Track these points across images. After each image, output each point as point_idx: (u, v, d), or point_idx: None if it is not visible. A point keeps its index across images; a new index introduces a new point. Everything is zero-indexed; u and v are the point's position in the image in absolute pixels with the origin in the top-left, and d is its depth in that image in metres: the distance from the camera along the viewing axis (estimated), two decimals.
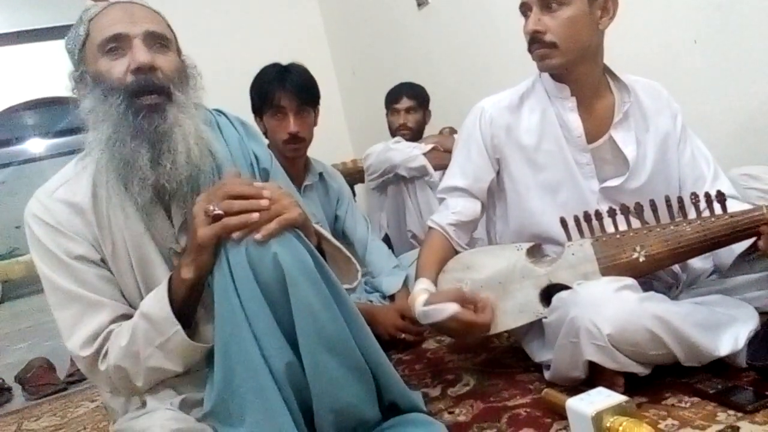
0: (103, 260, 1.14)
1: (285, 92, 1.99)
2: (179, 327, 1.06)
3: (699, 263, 1.41)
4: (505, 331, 1.43)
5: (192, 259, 1.06)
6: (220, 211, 1.02)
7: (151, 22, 1.13)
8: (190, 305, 1.10)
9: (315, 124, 2.11)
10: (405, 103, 2.75)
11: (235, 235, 1.02)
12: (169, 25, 1.18)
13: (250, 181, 1.08)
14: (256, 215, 1.01)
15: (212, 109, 1.26)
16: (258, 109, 2.07)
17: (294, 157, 2.07)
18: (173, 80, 1.12)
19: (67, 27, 1.17)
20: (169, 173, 1.08)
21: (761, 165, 1.63)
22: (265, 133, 2.08)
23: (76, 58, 1.13)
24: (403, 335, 1.86)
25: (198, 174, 1.13)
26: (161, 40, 1.13)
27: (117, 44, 1.09)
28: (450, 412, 1.32)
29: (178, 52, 1.18)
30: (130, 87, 1.07)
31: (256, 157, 1.24)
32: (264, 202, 1.02)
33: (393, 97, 2.79)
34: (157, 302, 1.08)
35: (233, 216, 1.02)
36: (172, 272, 1.11)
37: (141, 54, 1.08)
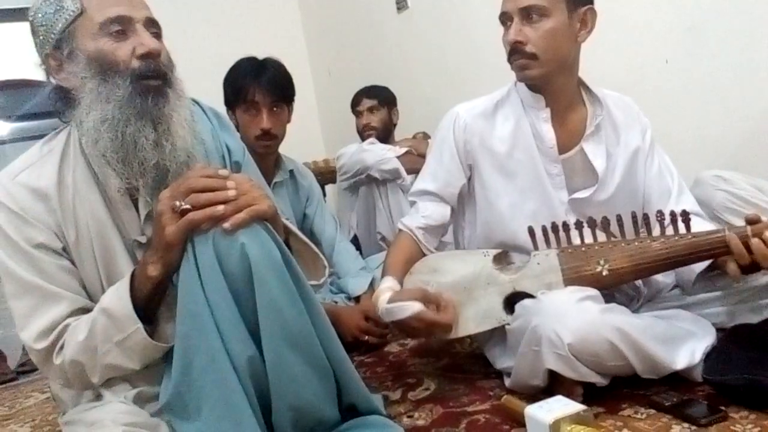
0: (65, 249, 1.10)
1: (259, 87, 1.97)
2: (140, 325, 1.04)
3: (660, 278, 1.44)
4: (468, 337, 1.44)
5: (159, 256, 1.03)
6: (187, 206, 1.00)
7: (147, 8, 1.13)
8: (153, 303, 1.08)
9: (288, 121, 2.09)
10: (365, 103, 2.79)
11: (203, 225, 1.00)
12: None
13: (214, 170, 1.06)
14: (221, 207, 0.99)
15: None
16: (231, 103, 2.04)
17: (265, 154, 2.05)
18: (170, 68, 1.12)
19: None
20: (168, 155, 1.07)
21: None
22: (237, 128, 2.05)
23: (59, 34, 1.08)
24: (367, 337, 1.86)
25: (189, 161, 1.11)
26: (156, 28, 1.13)
27: (120, 25, 1.07)
28: (409, 416, 1.32)
29: None
30: (137, 71, 1.06)
31: (228, 150, 1.22)
32: (231, 192, 1.01)
33: (354, 100, 2.85)
34: (118, 298, 1.05)
35: (199, 210, 1.00)
36: (135, 267, 1.09)
37: (149, 40, 1.08)
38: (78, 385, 1.11)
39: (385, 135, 2.73)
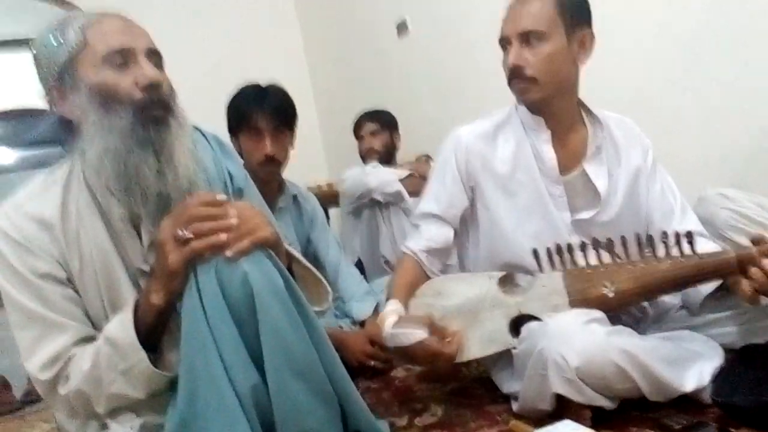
0: (69, 279, 1.10)
1: (262, 113, 1.98)
2: (144, 354, 1.03)
3: (667, 299, 1.43)
4: (474, 361, 1.42)
5: (162, 284, 1.03)
6: (190, 235, 1.00)
7: (148, 38, 1.13)
8: (157, 331, 1.07)
9: (291, 146, 2.10)
10: (368, 127, 2.81)
11: (206, 254, 1.00)
12: None
13: (214, 196, 1.06)
14: (224, 236, 0.99)
15: None
16: (234, 129, 2.05)
17: (269, 179, 2.05)
18: (172, 97, 1.13)
19: None
20: (172, 183, 1.08)
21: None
22: (240, 154, 2.06)
23: (63, 66, 1.09)
24: (372, 362, 1.84)
25: (192, 189, 1.11)
26: (158, 58, 1.14)
27: (122, 57, 1.08)
28: None
29: None
30: (139, 102, 1.07)
31: (230, 176, 1.23)
32: (233, 221, 1.01)
33: (357, 125, 2.87)
34: (121, 327, 1.04)
35: (202, 238, 1.00)
36: (137, 296, 1.08)
37: (151, 71, 1.09)
38: (83, 415, 1.10)
39: (388, 158, 2.75)
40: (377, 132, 2.79)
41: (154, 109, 1.08)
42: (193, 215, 1.02)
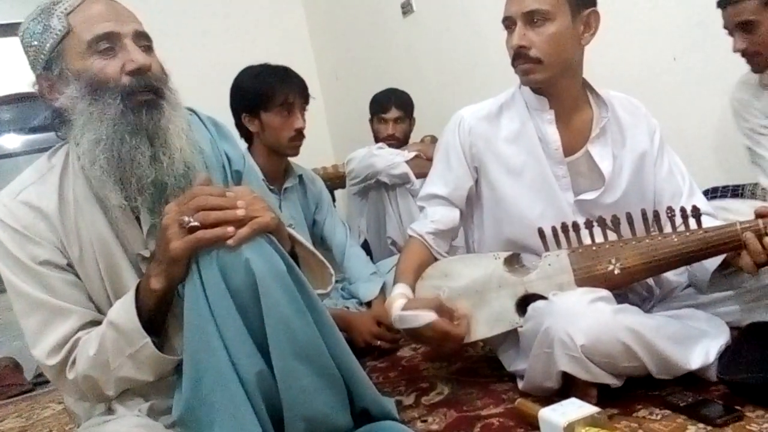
0: (69, 265, 1.10)
1: (293, 89, 2.01)
2: (149, 339, 1.03)
3: (673, 277, 1.43)
4: (481, 340, 1.43)
5: (163, 269, 1.02)
6: (196, 223, 0.98)
7: (136, 21, 1.10)
8: (159, 315, 1.07)
9: None
10: (394, 113, 2.72)
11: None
12: None
13: (222, 190, 1.04)
14: (231, 229, 0.98)
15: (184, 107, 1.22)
16: (255, 108, 2.02)
17: (293, 155, 2.09)
18: (162, 80, 1.10)
19: None
20: (166, 169, 1.06)
21: (736, 180, 1.66)
22: (254, 134, 2.05)
23: (49, 54, 1.07)
24: (379, 342, 1.86)
25: (188, 172, 1.09)
26: (147, 41, 1.11)
27: (108, 43, 1.05)
28: (423, 421, 1.32)
29: None
30: (127, 87, 1.05)
31: (228, 159, 1.21)
32: (240, 212, 0.99)
33: (382, 105, 2.75)
34: (124, 312, 1.04)
35: (209, 229, 0.98)
36: (140, 280, 1.08)
37: (139, 55, 1.06)
38: (93, 398, 1.11)
39: (403, 145, 2.72)
40: (401, 119, 2.72)
41: (143, 94, 1.05)
42: (201, 204, 1.00)
